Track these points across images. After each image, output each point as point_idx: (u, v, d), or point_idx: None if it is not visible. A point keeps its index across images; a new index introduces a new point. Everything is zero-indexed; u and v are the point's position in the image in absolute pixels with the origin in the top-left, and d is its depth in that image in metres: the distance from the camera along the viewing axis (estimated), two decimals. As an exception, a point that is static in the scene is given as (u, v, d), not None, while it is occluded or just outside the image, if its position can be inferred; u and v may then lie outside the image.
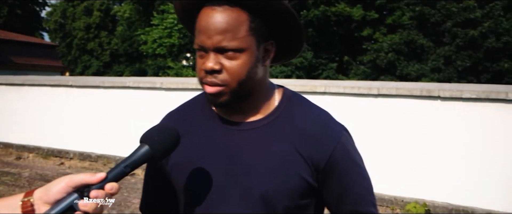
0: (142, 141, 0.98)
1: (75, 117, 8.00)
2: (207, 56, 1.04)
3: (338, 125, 1.15)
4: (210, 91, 1.05)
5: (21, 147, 8.63)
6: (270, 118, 1.13)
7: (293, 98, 1.18)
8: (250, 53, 1.04)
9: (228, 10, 1.01)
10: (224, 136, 1.13)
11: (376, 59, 22.45)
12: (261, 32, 1.06)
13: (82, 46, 41.75)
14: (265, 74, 1.13)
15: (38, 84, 8.65)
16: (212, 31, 1.01)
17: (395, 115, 5.31)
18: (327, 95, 5.64)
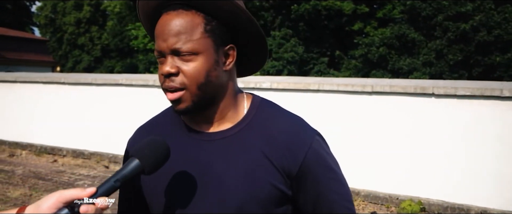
0: (132, 155, 0.97)
1: (67, 114, 7.96)
2: (165, 60, 1.04)
3: (310, 130, 1.12)
4: (171, 98, 1.05)
5: (14, 144, 8.58)
6: (239, 126, 1.11)
7: (262, 105, 1.15)
8: (207, 56, 1.03)
9: (183, 13, 1.02)
10: (193, 147, 1.11)
11: (368, 54, 22.50)
12: (219, 35, 1.05)
13: (72, 41, 41.45)
14: (229, 80, 1.11)
15: (30, 81, 8.60)
16: (166, 34, 1.02)
17: (389, 112, 5.33)
18: (321, 93, 5.65)
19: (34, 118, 8.40)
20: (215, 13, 1.03)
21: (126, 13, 35.60)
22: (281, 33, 24.83)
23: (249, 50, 1.13)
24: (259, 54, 1.16)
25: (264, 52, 1.15)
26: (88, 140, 7.65)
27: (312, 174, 1.08)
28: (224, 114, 1.11)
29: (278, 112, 1.15)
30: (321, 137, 1.14)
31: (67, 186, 6.15)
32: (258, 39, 1.10)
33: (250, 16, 1.05)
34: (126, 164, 0.95)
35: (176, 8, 1.03)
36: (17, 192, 5.77)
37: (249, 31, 1.08)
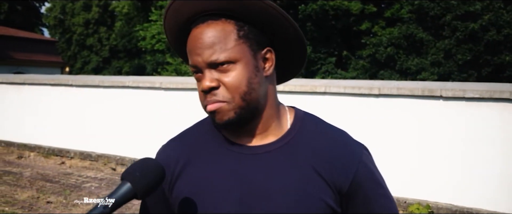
0: (123, 178, 0.91)
1: (75, 116, 8.00)
2: (202, 76, 0.99)
3: (358, 144, 1.09)
4: (211, 109, 0.98)
5: (22, 146, 8.63)
6: (284, 140, 1.05)
7: (306, 118, 1.10)
8: (245, 63, 0.98)
9: (212, 24, 0.98)
10: (234, 162, 1.04)
11: (375, 54, 22.36)
12: (254, 39, 1.00)
13: (81, 42, 41.69)
14: (271, 87, 1.05)
15: (38, 83, 8.65)
16: (200, 48, 0.97)
17: (396, 115, 5.29)
18: (328, 95, 5.62)
19: (42, 120, 8.45)
20: (245, 17, 0.99)
21: (134, 14, 35.69)
22: (288, 33, 24.73)
23: (286, 52, 1.08)
24: (298, 55, 1.10)
25: (303, 52, 1.10)
26: (96, 142, 7.68)
27: (363, 190, 1.04)
28: (267, 127, 1.05)
29: (323, 125, 1.10)
30: (367, 150, 1.11)
31: (74, 188, 6.17)
32: (295, 37, 1.05)
33: (282, 10, 0.99)
34: (117, 189, 0.89)
35: (205, 20, 0.99)
36: (24, 195, 5.79)
37: (284, 29, 1.02)
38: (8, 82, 9.10)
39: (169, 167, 1.08)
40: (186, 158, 1.08)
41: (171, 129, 3.27)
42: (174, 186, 1.07)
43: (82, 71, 40.48)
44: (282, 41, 1.05)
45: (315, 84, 5.70)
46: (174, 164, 1.09)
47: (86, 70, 40.47)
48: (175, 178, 1.08)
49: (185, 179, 1.06)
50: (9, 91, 9.04)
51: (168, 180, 1.08)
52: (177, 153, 1.10)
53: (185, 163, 1.08)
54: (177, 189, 1.06)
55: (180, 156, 1.09)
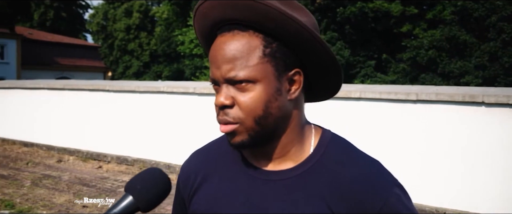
0: (125, 190, 0.87)
1: (112, 121, 8.13)
2: (219, 89, 0.90)
3: (389, 181, 0.92)
4: (223, 130, 0.91)
5: (62, 150, 8.85)
6: (302, 167, 0.94)
7: (332, 142, 0.98)
8: (266, 84, 0.88)
9: (238, 35, 0.88)
10: (248, 185, 0.97)
11: (416, 57, 21.86)
12: (282, 59, 0.89)
13: (123, 47, 42.69)
14: (295, 109, 0.94)
15: (78, 89, 8.85)
16: (220, 61, 0.88)
17: (435, 122, 5.07)
18: (363, 101, 5.46)
19: (81, 125, 8.63)
20: (276, 34, 0.88)
21: (173, 19, 36.29)
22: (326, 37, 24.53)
23: (319, 76, 0.96)
24: (332, 81, 0.98)
25: (337, 77, 0.97)
26: (132, 147, 7.77)
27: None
28: (287, 151, 0.95)
29: (351, 153, 0.97)
30: (403, 189, 0.93)
31: (110, 192, 6.24)
32: (329, 63, 0.93)
33: (316, 35, 0.88)
34: (118, 202, 0.85)
35: (231, 28, 0.89)
36: (62, 198, 5.90)
37: (317, 53, 0.91)
38: (49, 88, 9.36)
39: (189, 179, 1.05)
40: (205, 172, 1.03)
41: (205, 134, 3.24)
42: (191, 200, 1.04)
43: (124, 75, 41.43)
44: (315, 64, 0.94)
45: (350, 89, 5.56)
46: (194, 177, 1.05)
47: (127, 74, 41.40)
48: (193, 192, 1.04)
49: (201, 195, 1.01)
50: (51, 97, 9.30)
51: (186, 193, 1.06)
52: (198, 167, 1.06)
53: (203, 178, 1.03)
54: (194, 204, 1.02)
55: (200, 169, 1.05)
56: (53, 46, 32.68)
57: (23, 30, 31.78)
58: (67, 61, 33.14)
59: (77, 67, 33.41)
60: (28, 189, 6.32)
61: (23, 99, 9.88)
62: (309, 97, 1.03)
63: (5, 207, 5.40)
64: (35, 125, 9.53)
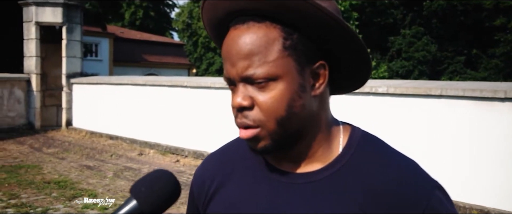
0: (130, 191, 0.80)
1: (190, 116, 8.35)
2: (236, 89, 0.81)
3: (428, 182, 0.82)
4: (243, 136, 0.81)
5: (144, 143, 9.24)
6: (331, 169, 0.85)
7: (363, 141, 0.87)
8: (289, 81, 0.78)
9: (254, 27, 0.78)
10: (270, 190, 0.88)
11: (511, 51, 20.34)
12: (303, 52, 0.79)
13: (206, 44, 43.83)
14: (320, 107, 0.85)
15: (158, 84, 9.18)
16: (235, 57, 0.79)
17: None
18: (444, 99, 5.12)
19: (161, 119, 8.95)
20: (296, 23, 0.78)
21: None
22: (411, 31, 23.57)
23: (345, 66, 0.86)
24: (359, 70, 0.88)
25: (366, 66, 0.87)
26: (208, 142, 7.92)
27: None
28: (313, 152, 0.86)
29: (385, 152, 0.86)
30: (443, 191, 0.83)
31: (184, 186, 6.38)
32: (356, 52, 0.83)
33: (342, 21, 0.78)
34: (124, 204, 0.78)
35: (246, 20, 0.79)
36: (139, 190, 6.13)
37: (344, 43, 0.81)
38: (132, 84, 9.81)
39: (204, 185, 0.97)
40: (222, 177, 0.95)
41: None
42: (207, 208, 0.95)
43: (207, 72, 42.57)
44: (341, 54, 0.84)
45: (430, 86, 5.24)
46: (209, 182, 0.96)
47: (211, 71, 42.48)
48: (209, 199, 0.95)
49: (217, 202, 0.93)
50: (134, 92, 9.73)
51: (201, 201, 0.97)
52: (214, 171, 0.97)
53: (220, 183, 0.94)
54: (211, 211, 0.94)
55: (216, 174, 0.96)
56: (142, 44, 34.19)
57: (115, 29, 33.60)
58: (155, 58, 34.54)
59: (164, 64, 34.74)
60: (110, 180, 6.64)
61: (109, 94, 10.44)
62: (335, 89, 0.92)
63: (88, 196, 5.70)
64: (120, 119, 10.04)
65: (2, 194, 5.66)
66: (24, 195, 5.67)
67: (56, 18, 11.31)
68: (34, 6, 11.24)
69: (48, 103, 11.83)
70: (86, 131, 10.89)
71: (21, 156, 8.31)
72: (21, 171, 7.00)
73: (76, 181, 6.43)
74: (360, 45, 0.81)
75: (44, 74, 11.75)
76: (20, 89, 11.44)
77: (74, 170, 7.19)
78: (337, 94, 0.94)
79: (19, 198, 5.52)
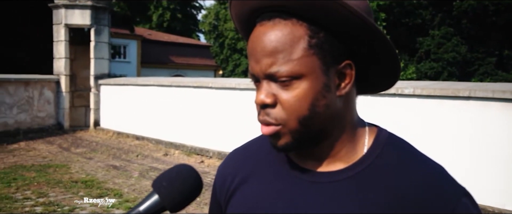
0: (153, 187, 0.80)
1: (214, 117, 8.38)
2: (260, 86, 0.80)
3: (455, 187, 0.80)
4: (265, 132, 0.81)
5: (169, 144, 9.32)
6: (354, 169, 0.83)
7: (389, 143, 0.85)
8: (313, 79, 0.77)
9: (280, 24, 0.77)
10: (291, 187, 0.87)
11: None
12: (329, 51, 0.78)
13: (232, 46, 44.03)
14: (346, 106, 0.84)
15: (184, 86, 9.25)
16: (259, 53, 0.78)
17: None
18: (472, 100, 5.00)
19: (187, 120, 9.01)
20: (323, 22, 0.77)
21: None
22: (441, 32, 23.14)
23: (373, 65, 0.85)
24: (387, 71, 0.86)
25: (395, 67, 0.84)
26: (232, 143, 7.91)
27: None
28: (337, 151, 0.85)
29: (411, 156, 0.84)
30: (471, 198, 0.81)
31: (208, 187, 6.41)
32: (384, 53, 0.81)
33: (374, 25, 0.77)
34: (146, 198, 0.79)
35: (272, 16, 0.78)
36: (164, 190, 6.18)
37: (372, 44, 0.80)
38: (158, 85, 9.91)
39: (226, 182, 0.97)
40: (244, 174, 0.94)
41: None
42: (228, 204, 0.95)
43: (233, 73, 42.73)
44: (369, 55, 0.82)
45: (458, 88, 5.12)
46: (231, 179, 0.97)
47: (237, 72, 42.63)
48: (230, 196, 0.95)
49: (238, 198, 0.93)
50: (160, 93, 9.83)
51: (223, 197, 0.98)
52: (236, 168, 0.98)
53: (241, 179, 0.94)
54: (231, 208, 0.94)
55: (238, 171, 0.96)
56: (169, 46, 34.57)
57: (143, 31, 34.07)
58: (181, 59, 34.86)
59: (190, 66, 35.05)
60: (135, 180, 6.72)
61: (136, 95, 10.57)
62: (362, 90, 0.90)
63: (114, 195, 5.78)
64: (146, 120, 10.15)
65: (31, 193, 5.79)
66: (52, 193, 5.79)
67: (84, 20, 11.52)
68: (64, 9, 11.48)
69: (76, 104, 12.06)
70: (113, 131, 11.05)
71: (50, 155, 8.48)
72: (49, 170, 7.15)
73: (103, 181, 6.52)
74: (388, 46, 0.79)
75: (73, 75, 11.98)
76: (50, 90, 11.69)
77: (101, 170, 7.30)
78: (364, 94, 0.93)
79: (47, 196, 5.63)
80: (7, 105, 10.62)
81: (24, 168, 7.26)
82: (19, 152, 8.71)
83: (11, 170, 7.08)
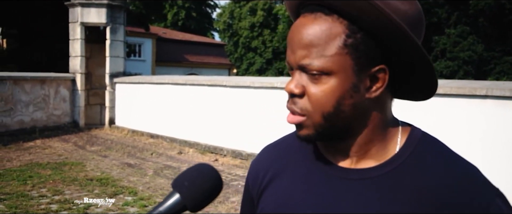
0: (172, 186, 0.81)
1: (229, 116, 8.39)
2: (293, 74, 0.83)
3: (488, 188, 0.80)
4: (290, 120, 0.84)
5: (183, 142, 9.35)
6: (386, 167, 0.83)
7: (422, 143, 0.85)
8: (342, 79, 0.78)
9: (321, 18, 0.78)
10: (322, 183, 0.88)
11: None
12: (364, 53, 0.78)
13: (247, 44, 44.07)
14: (376, 109, 0.83)
15: (198, 84, 9.27)
16: (296, 44, 0.80)
17: None
18: (489, 99, 4.93)
19: (201, 119, 9.03)
20: (363, 24, 0.77)
21: (296, 16, 36.49)
22: (457, 31, 22.88)
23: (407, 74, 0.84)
24: (423, 82, 0.84)
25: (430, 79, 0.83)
26: (246, 141, 7.93)
27: None
28: (367, 149, 0.85)
29: (445, 156, 0.84)
30: (504, 199, 0.80)
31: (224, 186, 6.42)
32: (420, 65, 0.80)
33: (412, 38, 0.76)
34: (166, 198, 0.79)
35: (315, 10, 0.80)
36: (178, 189, 6.20)
37: (408, 54, 0.79)
38: (173, 83, 9.95)
39: (258, 177, 0.99)
40: (276, 169, 0.96)
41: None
42: (260, 198, 0.97)
43: (247, 72, 42.76)
44: (404, 64, 0.81)
45: (474, 86, 5.05)
46: (263, 174, 0.99)
47: (251, 71, 42.64)
48: (262, 190, 0.97)
49: (270, 193, 0.94)
50: (175, 91, 9.87)
51: (255, 191, 1.00)
52: (268, 163, 0.99)
53: (274, 174, 0.96)
54: (262, 203, 0.96)
55: (271, 166, 0.98)
56: (184, 44, 34.68)
57: (158, 30, 34.21)
58: (196, 58, 34.96)
59: (205, 64, 35.13)
60: (150, 178, 6.75)
61: (151, 94, 10.63)
62: (400, 95, 0.90)
63: (128, 193, 5.81)
64: (161, 118, 10.20)
65: (47, 190, 5.85)
66: (68, 191, 5.84)
67: (100, 18, 11.61)
68: (80, 7, 11.58)
69: (92, 102, 12.16)
70: (128, 129, 11.13)
71: (66, 153, 8.56)
72: (65, 168, 7.22)
73: (118, 179, 6.56)
74: (426, 61, 0.78)
75: (89, 73, 12.09)
76: (66, 88, 11.81)
77: (115, 168, 7.35)
78: (405, 99, 0.93)
79: (63, 194, 5.69)
80: (23, 103, 10.75)
81: (40, 165, 7.33)
82: (35, 150, 8.81)
83: (27, 167, 7.16)
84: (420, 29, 0.81)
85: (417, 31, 0.80)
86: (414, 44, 0.76)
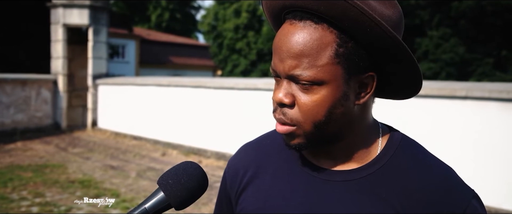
0: (158, 184, 0.81)
1: (212, 117, 8.36)
2: (280, 82, 0.81)
3: (465, 190, 0.82)
4: (280, 131, 0.82)
5: (167, 144, 9.30)
6: (368, 169, 0.84)
7: (402, 145, 0.87)
8: (334, 88, 0.77)
9: (310, 27, 0.76)
10: (306, 185, 0.88)
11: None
12: (354, 62, 0.77)
13: (231, 46, 43.97)
14: (362, 114, 0.85)
15: (182, 85, 9.23)
16: (285, 53, 0.77)
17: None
18: (469, 100, 4.99)
19: (185, 120, 8.99)
20: (353, 33, 0.76)
21: (280, 18, 36.55)
22: (439, 33, 23.14)
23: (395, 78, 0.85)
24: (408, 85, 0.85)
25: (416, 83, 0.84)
26: (230, 143, 7.91)
27: None
28: (351, 152, 0.86)
29: (423, 158, 0.86)
30: (479, 200, 0.83)
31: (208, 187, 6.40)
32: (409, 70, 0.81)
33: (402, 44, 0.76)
34: (151, 196, 0.80)
35: (303, 17, 0.77)
36: (161, 190, 6.16)
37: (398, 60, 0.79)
38: (156, 84, 9.90)
39: (238, 175, 0.99)
40: (257, 168, 0.96)
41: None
42: (240, 198, 0.96)
43: (232, 74, 42.68)
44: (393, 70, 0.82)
45: (455, 88, 5.12)
46: (243, 172, 0.98)
47: (235, 73, 42.57)
48: (242, 190, 0.97)
49: (250, 193, 0.94)
50: (158, 93, 9.81)
51: (234, 190, 0.98)
52: (248, 161, 0.99)
53: (254, 174, 0.96)
54: (242, 203, 0.95)
55: (251, 165, 0.98)
56: (168, 46, 34.55)
57: (142, 31, 34.05)
58: (180, 60, 34.85)
59: (189, 66, 35.05)
60: (133, 180, 6.70)
61: (134, 95, 10.55)
62: (383, 95, 0.91)
63: (111, 196, 5.76)
64: (144, 120, 10.13)
65: (27, 193, 5.77)
66: (49, 193, 5.77)
67: (82, 19, 11.49)
68: (62, 8, 11.45)
69: (74, 104, 12.02)
70: (111, 131, 11.03)
71: (47, 155, 8.46)
72: (46, 170, 7.13)
73: (100, 181, 6.50)
74: (412, 63, 0.79)
75: (71, 75, 11.95)
76: (47, 89, 11.66)
77: (98, 170, 7.28)
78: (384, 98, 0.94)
79: (44, 197, 5.61)
80: (4, 104, 10.59)
81: (21, 168, 7.23)
82: (16, 152, 8.68)
83: (8, 170, 7.06)
84: (402, 31, 0.82)
85: (400, 34, 0.81)
86: (404, 51, 0.76)
